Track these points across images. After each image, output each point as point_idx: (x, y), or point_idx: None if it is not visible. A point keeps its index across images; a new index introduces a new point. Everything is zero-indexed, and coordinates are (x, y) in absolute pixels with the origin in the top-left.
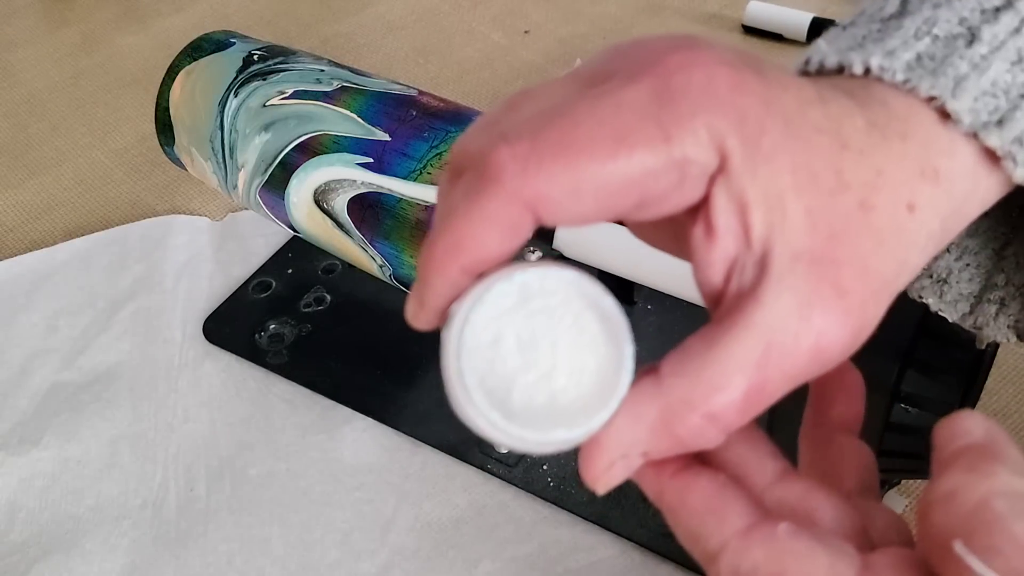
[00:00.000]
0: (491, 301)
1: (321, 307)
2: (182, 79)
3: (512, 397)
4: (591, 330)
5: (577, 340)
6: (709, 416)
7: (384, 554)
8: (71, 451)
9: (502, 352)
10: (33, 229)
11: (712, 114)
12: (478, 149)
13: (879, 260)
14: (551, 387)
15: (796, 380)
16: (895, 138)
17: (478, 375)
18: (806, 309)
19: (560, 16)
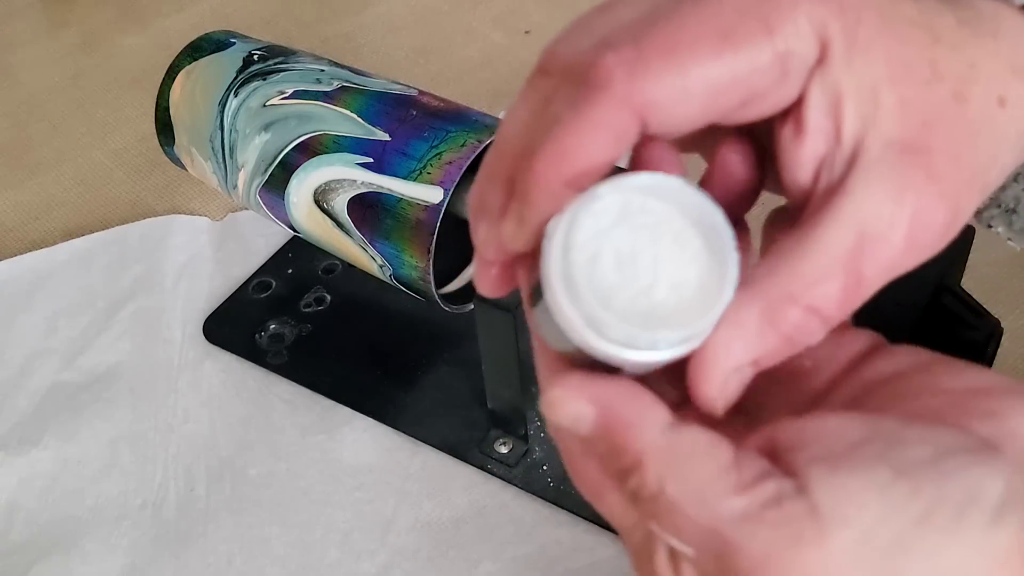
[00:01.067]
0: (589, 217)
1: (321, 307)
2: (182, 79)
3: (612, 307)
4: (693, 244)
5: (678, 255)
6: (810, 309)
7: (384, 554)
8: (71, 451)
9: (600, 269)
10: (33, 229)
11: (812, 4)
12: (579, 56)
13: (972, 151)
14: (651, 300)
15: (893, 270)
16: (986, 35)
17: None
18: (898, 194)
19: (561, 16)
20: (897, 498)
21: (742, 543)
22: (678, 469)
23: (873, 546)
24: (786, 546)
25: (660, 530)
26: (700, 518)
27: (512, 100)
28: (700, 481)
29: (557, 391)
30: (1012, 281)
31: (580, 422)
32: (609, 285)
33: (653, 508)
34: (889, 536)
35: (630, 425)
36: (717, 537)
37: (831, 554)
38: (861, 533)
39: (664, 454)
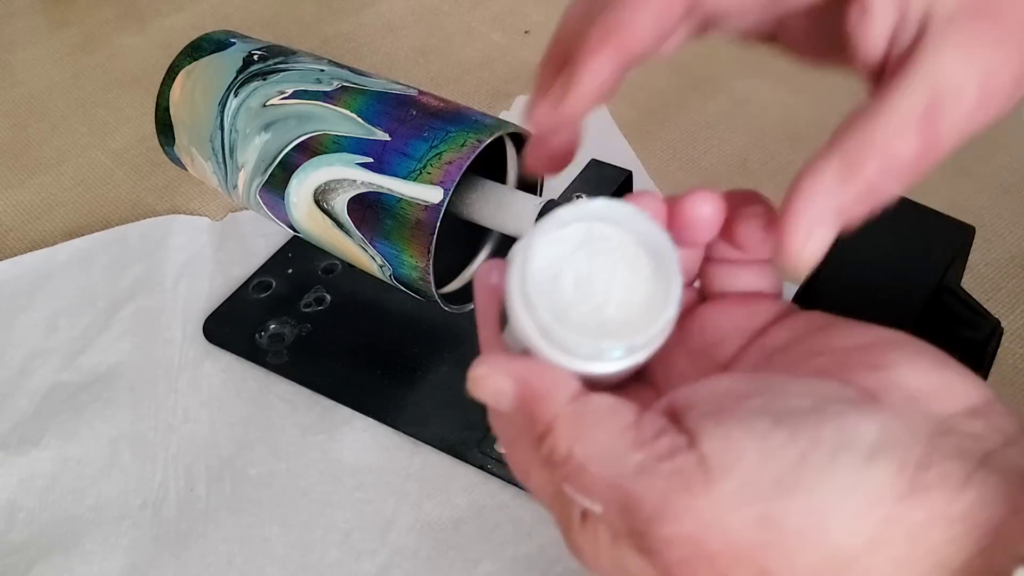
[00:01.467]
0: (553, 242)
1: (321, 307)
2: (182, 79)
3: (567, 320)
4: (643, 268)
5: (630, 277)
6: (887, 164)
7: (384, 554)
8: (71, 451)
9: (560, 287)
10: (33, 229)
11: None
12: None
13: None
14: (602, 316)
15: (967, 127)
16: None
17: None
18: (968, 52)
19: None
20: (776, 444)
21: (641, 494)
22: (584, 431)
23: (755, 489)
24: (678, 494)
25: (572, 491)
26: (604, 474)
27: (511, 99)
28: (603, 440)
29: (482, 368)
30: (1012, 281)
31: (501, 396)
32: (566, 302)
33: (564, 470)
34: (770, 479)
35: (542, 396)
36: (620, 490)
37: (718, 499)
38: (744, 479)
39: (572, 419)
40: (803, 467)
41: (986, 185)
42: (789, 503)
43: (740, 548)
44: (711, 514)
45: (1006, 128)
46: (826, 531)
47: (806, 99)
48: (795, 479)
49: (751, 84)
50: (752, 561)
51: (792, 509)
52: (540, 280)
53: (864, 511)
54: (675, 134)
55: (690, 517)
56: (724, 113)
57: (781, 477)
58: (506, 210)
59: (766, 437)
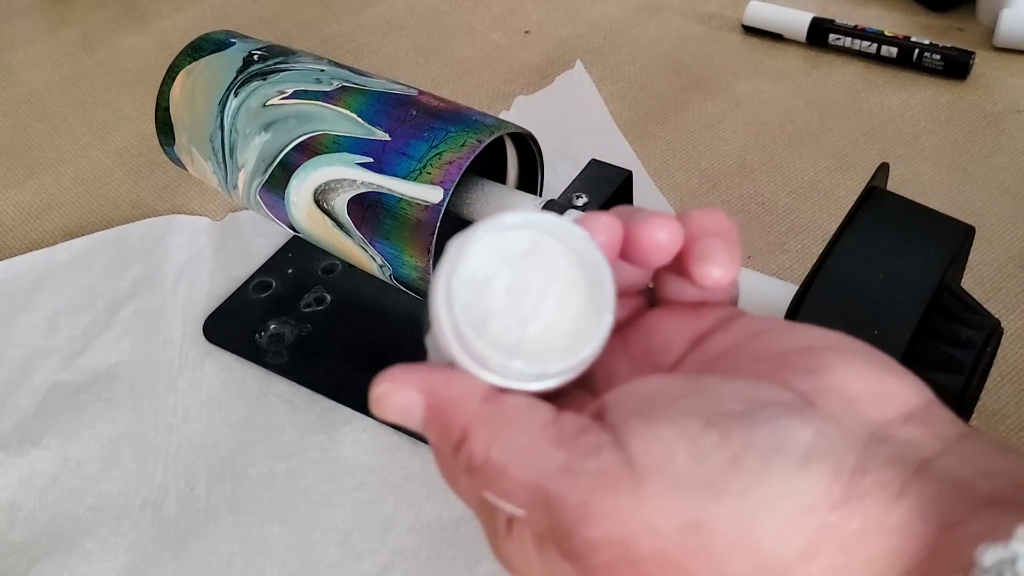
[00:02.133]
0: (497, 242)
1: (321, 307)
2: (182, 79)
3: (486, 328)
4: (579, 298)
5: (562, 302)
6: None
7: (384, 554)
8: (71, 451)
9: (491, 289)
10: (33, 229)
11: None
12: None
13: None
14: (523, 332)
15: None
16: None
17: (463, 301)
18: None
19: (560, 16)
20: (707, 447)
21: (564, 494)
22: (500, 433)
23: (684, 492)
24: (604, 494)
25: (493, 497)
26: (525, 476)
27: (511, 100)
28: (521, 441)
29: (383, 385)
30: (1012, 281)
31: (410, 411)
32: (491, 308)
33: (484, 476)
34: (699, 482)
35: (453, 401)
36: (542, 492)
37: (646, 500)
38: (673, 480)
39: (486, 421)
40: (734, 471)
41: (986, 185)
42: (719, 508)
43: (667, 554)
44: (638, 516)
45: (1006, 128)
46: (757, 538)
47: (805, 99)
48: (725, 483)
49: (751, 84)
50: (680, 569)
51: (722, 514)
52: (471, 279)
53: (797, 518)
54: (675, 134)
55: (616, 519)
56: (724, 113)
57: (711, 480)
58: (506, 209)
59: (696, 438)
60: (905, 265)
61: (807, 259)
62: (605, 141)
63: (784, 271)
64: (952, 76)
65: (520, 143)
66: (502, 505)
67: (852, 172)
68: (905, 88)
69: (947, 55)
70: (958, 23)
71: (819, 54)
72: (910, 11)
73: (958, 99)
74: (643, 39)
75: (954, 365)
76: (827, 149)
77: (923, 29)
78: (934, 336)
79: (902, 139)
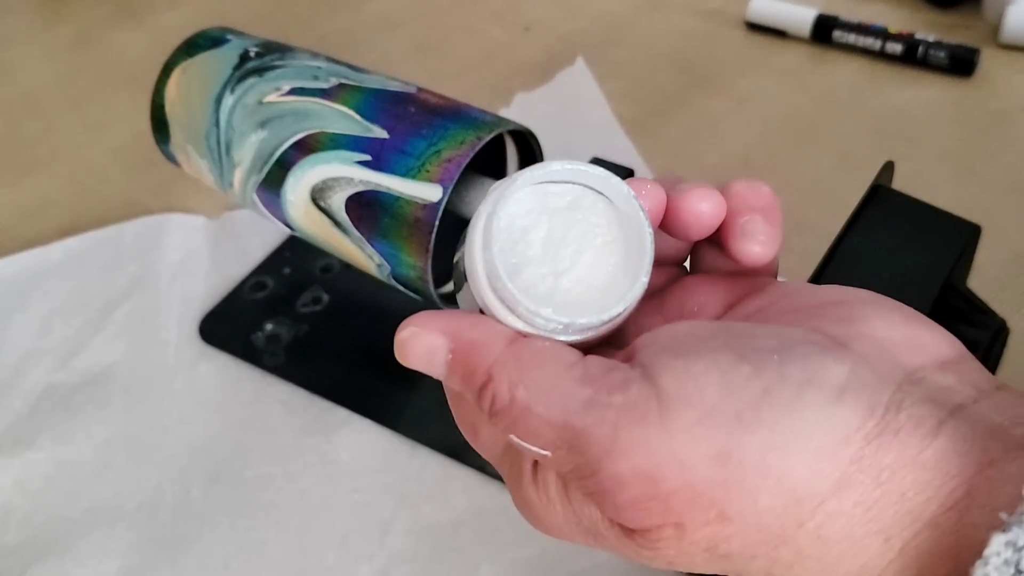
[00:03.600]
0: (541, 193)
1: (318, 307)
2: (177, 76)
3: (520, 275)
4: (616, 257)
5: (599, 259)
6: None
7: (382, 557)
8: (65, 453)
9: (529, 239)
10: (27, 228)
11: None
12: None
13: None
14: (556, 284)
15: None
16: None
17: (500, 246)
18: None
19: (561, 12)
20: (738, 379)
21: (590, 429)
22: (525, 373)
23: (714, 423)
24: (631, 427)
25: (518, 440)
26: (550, 414)
27: (511, 96)
28: (546, 380)
29: (408, 329)
30: (1018, 280)
31: (434, 355)
32: (527, 257)
33: (509, 418)
34: (730, 413)
35: (478, 344)
36: (567, 429)
37: (674, 432)
38: (703, 411)
39: (511, 362)
40: (767, 402)
41: (992, 184)
42: (750, 438)
43: (695, 487)
44: (666, 448)
45: (1012, 126)
46: (789, 469)
47: (809, 96)
48: (757, 414)
49: (754, 82)
50: (710, 504)
51: (753, 445)
52: (510, 226)
53: (830, 450)
54: (677, 132)
55: (643, 451)
56: (727, 111)
57: (742, 411)
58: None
59: (727, 371)
60: (910, 264)
61: (811, 258)
62: (607, 138)
63: (788, 270)
64: (957, 73)
65: (520, 140)
66: (527, 448)
67: (857, 170)
68: (910, 85)
69: (952, 52)
70: (963, 20)
71: (823, 51)
72: (915, 8)
73: (963, 96)
74: (645, 35)
75: None
76: (831, 147)
77: (928, 26)
78: None
79: (907, 137)
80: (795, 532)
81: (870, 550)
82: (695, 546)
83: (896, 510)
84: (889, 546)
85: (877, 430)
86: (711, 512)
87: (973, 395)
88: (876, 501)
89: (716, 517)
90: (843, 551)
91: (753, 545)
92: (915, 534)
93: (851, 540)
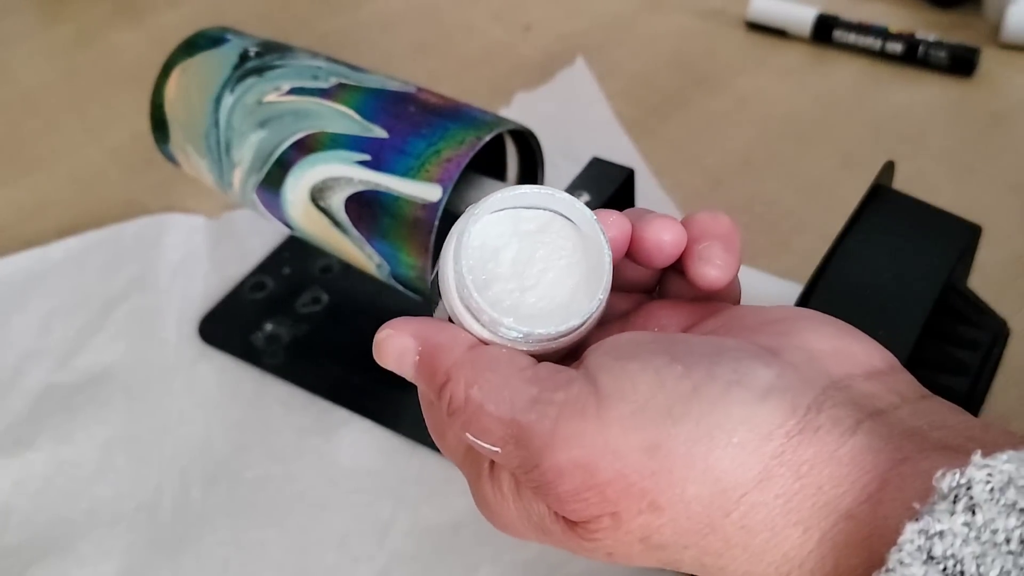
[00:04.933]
0: (512, 217)
1: (318, 307)
2: (177, 76)
3: (488, 290)
4: (578, 276)
5: (562, 278)
6: None
7: (382, 558)
8: (65, 453)
9: (499, 259)
10: (26, 228)
11: None
12: None
13: None
14: (520, 298)
15: None
16: None
17: (472, 262)
18: None
19: (561, 12)
20: (670, 377)
21: (533, 424)
22: (480, 374)
23: (645, 416)
24: (570, 420)
25: (472, 438)
26: (499, 411)
27: (511, 96)
28: (498, 380)
29: (383, 331)
30: (1019, 281)
31: (405, 356)
32: (496, 274)
33: (464, 416)
34: (661, 407)
35: (441, 347)
36: (514, 424)
37: (608, 424)
38: (635, 405)
39: (468, 365)
40: (695, 398)
41: (993, 183)
42: (677, 430)
43: (628, 477)
44: (600, 438)
45: (1013, 126)
46: (714, 460)
47: (809, 96)
48: (686, 408)
49: (754, 81)
50: (642, 493)
51: (680, 436)
52: (483, 245)
53: (754, 444)
54: (678, 131)
55: (579, 442)
56: (727, 111)
57: (672, 406)
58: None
59: (661, 370)
60: (911, 265)
61: (812, 258)
62: (607, 138)
63: (788, 270)
64: (958, 73)
65: (520, 140)
66: (480, 445)
67: (857, 170)
68: (910, 85)
69: (953, 52)
70: (964, 20)
71: (823, 51)
72: (915, 7)
73: (964, 96)
74: (645, 35)
75: (960, 367)
76: (832, 147)
77: (928, 25)
78: (940, 337)
79: (907, 137)
80: (722, 521)
81: (791, 539)
82: (631, 535)
83: (814, 502)
84: (808, 536)
85: (798, 428)
86: (643, 501)
87: (896, 402)
88: (796, 493)
89: (648, 506)
90: (766, 540)
91: (684, 534)
92: (832, 525)
93: (773, 530)
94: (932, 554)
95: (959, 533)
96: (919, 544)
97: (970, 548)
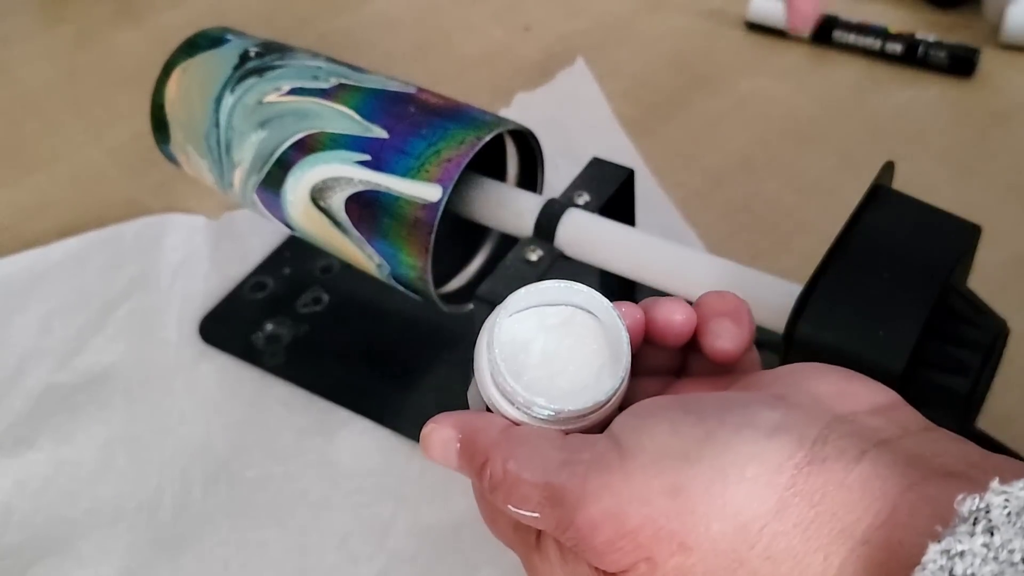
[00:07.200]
0: (539, 313)
1: (318, 307)
2: (178, 76)
3: (520, 378)
4: (601, 360)
5: (587, 363)
6: None
7: (382, 559)
8: (66, 453)
9: (528, 351)
10: (27, 228)
11: None
12: None
13: None
14: (550, 383)
15: None
16: None
17: (504, 353)
18: None
19: (561, 12)
20: (685, 426)
21: (565, 482)
22: (514, 449)
23: (665, 462)
24: (598, 475)
25: (513, 508)
26: (534, 477)
27: (511, 97)
28: (531, 451)
29: (428, 426)
30: (1019, 281)
31: (448, 445)
32: (527, 364)
33: (504, 488)
34: (677, 452)
35: (479, 431)
36: (548, 487)
37: (632, 473)
38: (655, 453)
39: (503, 443)
40: (708, 441)
41: (992, 184)
42: (695, 471)
43: (657, 520)
44: (626, 487)
45: (1012, 126)
46: (731, 496)
47: (809, 96)
48: (701, 451)
49: (754, 82)
50: (671, 535)
51: (698, 477)
52: (512, 340)
53: (766, 478)
54: (677, 132)
55: (608, 494)
56: (727, 111)
57: (688, 450)
58: (506, 208)
59: (676, 420)
60: (910, 264)
61: (812, 258)
62: (607, 139)
63: (789, 271)
64: (958, 73)
65: (520, 141)
66: (520, 515)
67: (857, 170)
68: (910, 85)
69: (953, 52)
70: (963, 20)
71: (823, 51)
72: (915, 8)
73: (964, 97)
74: (645, 35)
75: (960, 367)
76: (832, 147)
77: (928, 26)
78: (940, 337)
79: (907, 137)
80: (748, 554)
81: (813, 567)
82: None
83: (830, 528)
84: (829, 563)
85: (806, 460)
86: (673, 543)
87: (899, 433)
88: (812, 521)
89: (679, 548)
90: (790, 569)
91: (716, 571)
92: (850, 551)
93: (796, 558)
94: (954, 572)
95: (978, 553)
96: (941, 564)
97: (989, 567)
